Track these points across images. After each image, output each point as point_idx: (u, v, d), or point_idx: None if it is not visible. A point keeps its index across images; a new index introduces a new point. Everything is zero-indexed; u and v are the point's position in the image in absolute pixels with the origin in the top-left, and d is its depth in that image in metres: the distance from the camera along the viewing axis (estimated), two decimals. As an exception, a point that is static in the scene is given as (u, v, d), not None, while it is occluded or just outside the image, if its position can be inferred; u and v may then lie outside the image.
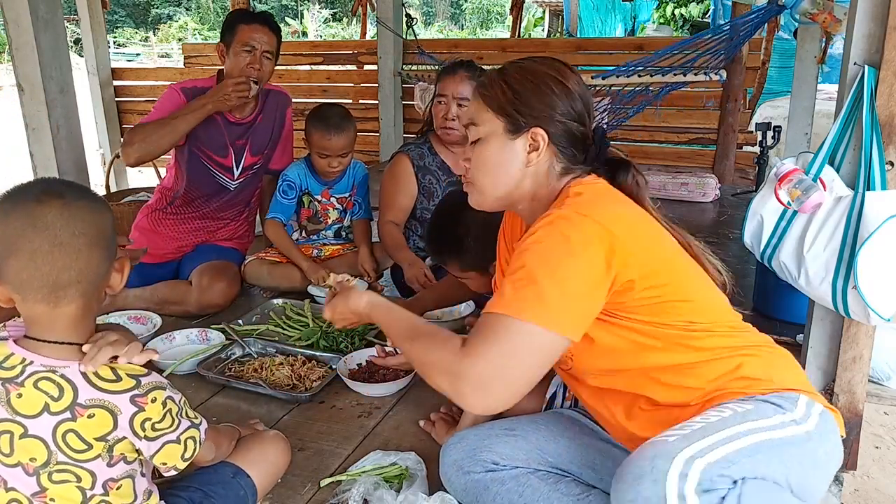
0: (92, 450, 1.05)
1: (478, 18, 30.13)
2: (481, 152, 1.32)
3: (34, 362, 1.05)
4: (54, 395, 1.04)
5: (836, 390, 1.89)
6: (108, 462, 1.07)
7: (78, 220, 1.05)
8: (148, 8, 27.97)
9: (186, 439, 1.14)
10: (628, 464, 1.10)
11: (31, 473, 1.05)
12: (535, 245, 1.17)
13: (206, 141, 2.61)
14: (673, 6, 13.17)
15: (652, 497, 1.02)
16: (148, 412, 1.07)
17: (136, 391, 1.07)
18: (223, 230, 2.81)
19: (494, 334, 1.14)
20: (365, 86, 6.04)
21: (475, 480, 1.39)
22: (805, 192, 1.76)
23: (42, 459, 1.04)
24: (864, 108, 1.69)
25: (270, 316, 2.45)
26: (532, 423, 1.49)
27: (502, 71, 1.33)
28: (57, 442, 1.04)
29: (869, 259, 1.66)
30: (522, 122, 1.28)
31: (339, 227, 2.88)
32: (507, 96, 1.28)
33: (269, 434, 1.52)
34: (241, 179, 2.73)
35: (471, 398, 1.15)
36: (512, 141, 1.29)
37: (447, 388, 1.17)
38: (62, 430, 1.03)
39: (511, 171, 1.30)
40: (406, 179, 2.61)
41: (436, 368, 1.19)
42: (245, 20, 2.52)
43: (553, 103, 1.28)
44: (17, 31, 2.74)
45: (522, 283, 1.15)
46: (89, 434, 1.04)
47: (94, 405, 1.04)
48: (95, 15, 5.70)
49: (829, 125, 1.80)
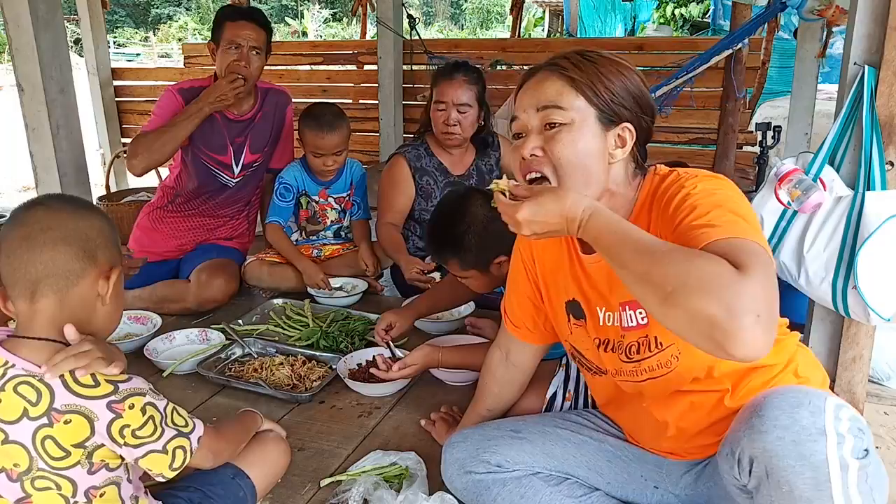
0: (70, 457, 1.04)
1: (478, 18, 30.12)
2: (573, 140, 1.17)
3: (16, 365, 1.05)
4: (33, 400, 1.03)
5: (836, 390, 1.89)
6: (89, 470, 1.06)
7: (52, 219, 1.09)
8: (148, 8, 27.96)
9: (174, 448, 1.12)
10: (776, 394, 1.03)
11: (15, 479, 1.05)
12: (716, 191, 1.08)
13: (205, 140, 2.62)
14: (673, 6, 13.16)
15: (810, 427, 0.98)
16: (126, 419, 1.06)
17: (114, 397, 1.06)
18: (222, 228, 2.81)
19: (756, 255, 0.93)
20: (365, 86, 6.03)
21: (476, 481, 1.39)
22: (805, 192, 1.76)
23: (24, 466, 1.04)
24: (864, 108, 1.69)
25: (270, 316, 2.45)
26: (537, 425, 1.47)
27: (585, 54, 1.22)
28: (37, 448, 1.03)
29: (869, 259, 1.66)
30: (615, 116, 1.19)
31: (339, 227, 2.88)
32: (603, 83, 1.18)
33: (269, 434, 1.52)
34: (240, 177, 2.74)
35: (749, 332, 0.86)
36: (604, 133, 1.19)
37: (715, 311, 0.87)
38: (41, 435, 1.03)
39: (601, 166, 1.19)
40: (403, 181, 2.61)
41: (706, 288, 0.88)
42: (231, 17, 2.52)
43: (639, 97, 1.21)
44: (17, 31, 2.74)
45: (728, 216, 1.02)
46: (67, 440, 1.04)
47: (70, 410, 1.03)
48: (95, 15, 5.70)
49: (829, 125, 1.80)
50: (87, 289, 1.12)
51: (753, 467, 1.02)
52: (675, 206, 1.11)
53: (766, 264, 0.94)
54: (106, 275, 1.14)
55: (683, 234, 1.03)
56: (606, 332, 1.30)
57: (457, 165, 2.68)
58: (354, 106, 5.94)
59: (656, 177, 1.23)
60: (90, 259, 1.11)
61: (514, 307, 1.51)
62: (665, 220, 1.13)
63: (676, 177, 1.19)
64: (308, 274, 2.63)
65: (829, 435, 0.98)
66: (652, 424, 1.32)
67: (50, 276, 1.07)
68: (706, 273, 0.90)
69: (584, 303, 1.34)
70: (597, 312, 1.31)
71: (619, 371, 1.30)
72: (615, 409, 1.44)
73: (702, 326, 0.89)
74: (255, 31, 2.52)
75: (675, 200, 1.12)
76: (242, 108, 2.67)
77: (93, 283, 1.12)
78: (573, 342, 1.40)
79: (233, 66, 2.49)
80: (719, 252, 0.93)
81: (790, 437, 0.98)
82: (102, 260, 1.13)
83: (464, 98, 2.49)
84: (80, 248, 1.10)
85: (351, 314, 2.43)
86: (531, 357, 1.56)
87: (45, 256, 1.07)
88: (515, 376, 1.58)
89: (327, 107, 2.68)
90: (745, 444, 1.03)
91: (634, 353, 1.26)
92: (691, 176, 1.16)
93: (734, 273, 0.89)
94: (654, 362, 1.24)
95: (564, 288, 1.37)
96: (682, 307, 0.90)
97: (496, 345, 1.59)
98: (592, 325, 1.33)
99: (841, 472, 0.97)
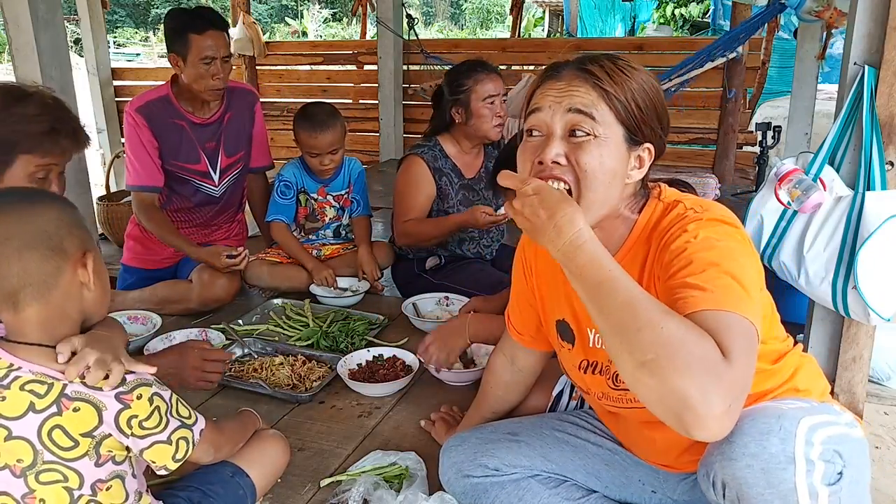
0: (78, 447, 1.05)
1: (478, 18, 30.11)
2: (602, 156, 1.10)
3: (21, 367, 1.06)
4: (41, 394, 1.04)
5: (836, 390, 1.89)
6: (96, 462, 1.07)
7: (7, 227, 1.06)
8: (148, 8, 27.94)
9: (178, 440, 1.13)
10: (749, 419, 0.99)
11: (19, 475, 1.05)
12: (717, 244, 1.04)
13: (174, 152, 2.58)
14: (673, 6, 13.16)
15: (778, 454, 0.96)
16: (134, 409, 1.07)
17: (121, 388, 1.07)
18: (218, 233, 2.82)
19: (743, 338, 0.92)
20: (365, 86, 6.04)
21: (474, 484, 1.38)
22: (805, 192, 1.76)
23: (28, 460, 1.04)
24: (864, 108, 1.69)
25: (270, 316, 2.45)
26: (535, 428, 1.46)
27: (621, 68, 1.13)
28: (43, 440, 1.04)
29: (869, 259, 1.66)
30: (639, 137, 1.13)
31: (338, 225, 2.88)
32: (636, 103, 1.12)
33: (269, 434, 1.52)
34: (223, 183, 2.71)
35: (717, 420, 0.85)
36: (628, 153, 1.13)
37: (693, 394, 0.84)
38: (48, 426, 1.04)
39: (620, 184, 1.14)
40: (424, 180, 2.56)
41: (689, 368, 0.85)
42: (195, 28, 2.41)
43: (664, 120, 1.16)
44: (17, 31, 2.74)
45: (723, 279, 0.98)
46: (75, 429, 1.04)
47: (79, 398, 1.05)
48: (95, 15, 5.71)
49: (829, 125, 1.80)
50: (67, 283, 1.10)
51: (726, 492, 1.01)
52: (672, 252, 1.06)
53: (749, 350, 0.92)
54: (82, 262, 1.11)
55: (673, 291, 0.99)
56: (596, 354, 1.27)
57: (469, 168, 2.64)
58: (354, 106, 5.94)
59: (660, 205, 1.18)
60: (60, 254, 1.08)
61: (517, 314, 1.49)
62: (661, 265, 1.09)
63: (681, 213, 1.13)
64: (317, 272, 2.64)
65: (797, 462, 0.96)
66: (644, 439, 1.31)
67: (27, 285, 1.06)
68: (694, 353, 0.86)
69: (574, 323, 1.30)
70: (587, 333, 1.28)
71: (604, 395, 1.28)
72: (610, 423, 1.42)
73: (672, 403, 0.86)
74: (222, 38, 2.46)
75: (673, 244, 1.07)
76: (209, 111, 2.62)
77: (72, 276, 1.10)
78: (560, 360, 1.39)
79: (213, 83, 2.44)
80: (707, 327, 0.90)
81: (759, 465, 0.97)
82: (72, 250, 1.10)
83: (502, 90, 2.49)
84: (46, 247, 1.07)
85: (351, 314, 2.43)
86: (536, 361, 1.54)
87: (15, 269, 1.05)
88: (521, 379, 1.57)
89: (320, 106, 2.67)
90: (717, 468, 1.01)
91: (620, 381, 1.22)
92: (695, 217, 1.10)
93: (720, 360, 0.87)
94: None
95: (556, 305, 1.34)
96: (658, 379, 0.86)
97: (500, 350, 1.57)
98: (581, 346, 1.30)
99: (810, 499, 0.96)
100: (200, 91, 2.48)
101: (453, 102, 2.50)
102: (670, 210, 1.15)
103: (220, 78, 2.47)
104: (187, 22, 2.44)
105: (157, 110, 2.53)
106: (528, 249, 1.43)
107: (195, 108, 2.58)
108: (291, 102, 5.82)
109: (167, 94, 2.55)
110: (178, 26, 2.45)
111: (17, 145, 1.46)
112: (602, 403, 1.31)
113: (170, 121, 2.55)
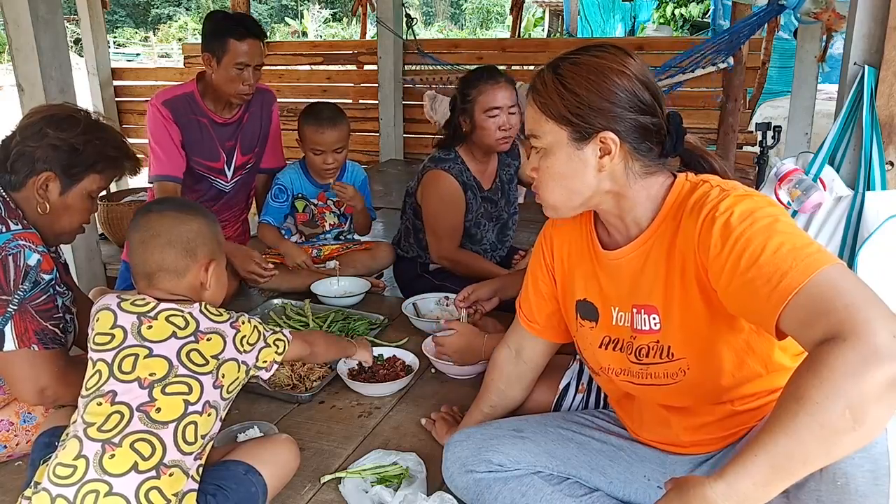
0: (208, 365, 1.31)
1: (478, 18, 30.13)
2: (548, 166, 1.22)
3: (164, 301, 1.35)
4: (181, 326, 1.32)
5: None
6: (214, 382, 1.30)
7: (161, 225, 1.38)
8: (148, 8, 27.96)
9: (275, 340, 1.44)
10: None
11: (146, 386, 1.25)
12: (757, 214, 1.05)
13: (198, 150, 2.62)
14: (673, 6, 13.18)
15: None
16: (242, 331, 1.38)
17: (232, 320, 1.38)
18: (223, 230, 2.82)
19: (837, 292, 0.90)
20: (365, 86, 6.03)
21: (477, 479, 1.39)
22: (805, 192, 1.76)
23: (161, 374, 1.26)
24: (864, 108, 1.69)
25: (270, 316, 2.45)
26: (540, 425, 1.47)
27: (556, 70, 1.20)
28: (181, 358, 1.29)
29: (869, 259, 1.66)
30: (588, 128, 1.17)
31: (340, 231, 2.88)
32: (567, 101, 1.17)
33: (281, 437, 1.54)
34: (234, 180, 2.74)
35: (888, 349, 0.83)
36: (580, 150, 1.19)
37: (880, 380, 0.82)
38: (187, 349, 1.30)
39: (585, 180, 1.20)
40: (458, 197, 2.50)
41: (843, 384, 0.83)
42: (235, 35, 2.44)
43: (618, 99, 1.16)
44: (17, 31, 2.75)
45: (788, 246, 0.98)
46: (208, 352, 1.32)
47: (210, 331, 1.34)
48: (95, 15, 5.71)
49: (829, 125, 1.80)
50: (191, 279, 1.40)
51: None
52: (718, 236, 1.06)
53: (852, 288, 0.90)
54: (206, 267, 1.41)
55: (751, 284, 0.99)
56: (619, 331, 1.31)
57: (486, 179, 2.60)
58: (354, 106, 5.94)
59: (687, 184, 1.21)
60: (191, 256, 1.39)
61: (529, 302, 1.51)
62: (703, 247, 1.10)
63: (706, 191, 1.15)
64: (290, 255, 2.62)
65: (890, 428, 0.93)
66: (658, 420, 1.33)
67: (161, 270, 1.37)
68: (837, 372, 0.83)
69: (600, 301, 1.34)
70: (611, 312, 1.32)
71: (624, 370, 1.30)
72: (622, 406, 1.43)
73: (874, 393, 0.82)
74: (258, 47, 2.50)
75: (715, 229, 1.08)
76: (231, 112, 2.66)
77: (196, 275, 1.40)
78: (577, 340, 1.42)
79: (242, 89, 2.48)
80: (811, 310, 0.89)
81: None
82: (202, 256, 1.41)
83: (512, 99, 2.41)
84: (183, 248, 1.38)
85: (351, 314, 2.43)
86: (542, 354, 1.56)
87: (156, 257, 1.37)
88: (524, 373, 1.58)
89: (326, 105, 2.68)
90: None
91: (644, 357, 1.26)
92: (724, 194, 1.12)
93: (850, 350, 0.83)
94: (661, 370, 1.24)
95: (580, 285, 1.38)
96: (840, 448, 0.85)
97: (504, 343, 1.59)
98: (605, 323, 1.33)
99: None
100: (228, 94, 2.53)
101: (461, 112, 2.45)
102: (697, 188, 1.18)
103: (250, 84, 2.51)
104: (230, 27, 2.47)
105: (182, 106, 2.56)
106: (545, 240, 1.47)
107: (218, 108, 2.62)
108: (291, 102, 5.82)
109: (192, 91, 2.59)
110: (218, 29, 2.48)
111: (94, 165, 1.63)
112: (620, 381, 1.33)
113: (193, 118, 2.59)
